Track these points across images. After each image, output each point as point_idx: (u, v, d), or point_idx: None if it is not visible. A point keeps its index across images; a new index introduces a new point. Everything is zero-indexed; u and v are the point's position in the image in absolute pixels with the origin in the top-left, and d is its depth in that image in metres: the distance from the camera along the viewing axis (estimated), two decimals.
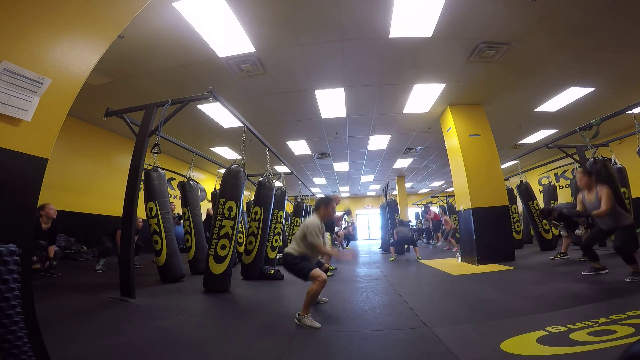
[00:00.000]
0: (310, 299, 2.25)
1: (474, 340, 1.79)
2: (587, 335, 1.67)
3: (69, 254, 5.51)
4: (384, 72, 4.77)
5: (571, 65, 4.60)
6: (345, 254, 3.02)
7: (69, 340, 1.81)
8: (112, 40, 1.90)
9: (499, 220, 5.17)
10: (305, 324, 2.15)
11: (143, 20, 3.35)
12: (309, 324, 2.14)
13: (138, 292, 2.99)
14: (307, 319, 2.17)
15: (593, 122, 4.26)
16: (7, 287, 1.14)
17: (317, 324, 2.13)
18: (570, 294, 2.62)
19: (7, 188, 1.36)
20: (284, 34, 3.82)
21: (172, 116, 3.39)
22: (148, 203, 3.83)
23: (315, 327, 2.10)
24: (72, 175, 6.07)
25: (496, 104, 5.90)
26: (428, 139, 8.03)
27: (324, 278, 2.31)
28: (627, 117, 4.32)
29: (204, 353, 1.71)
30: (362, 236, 19.04)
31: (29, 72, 1.42)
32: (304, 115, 6.25)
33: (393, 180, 13.16)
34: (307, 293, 2.26)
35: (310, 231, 2.49)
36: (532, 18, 3.60)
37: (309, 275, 2.33)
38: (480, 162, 5.49)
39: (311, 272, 2.33)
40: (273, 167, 6.60)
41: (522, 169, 6.70)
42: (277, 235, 5.19)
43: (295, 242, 2.58)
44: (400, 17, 3.56)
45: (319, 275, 2.29)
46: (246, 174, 3.75)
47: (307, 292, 2.26)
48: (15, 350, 1.14)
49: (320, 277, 2.28)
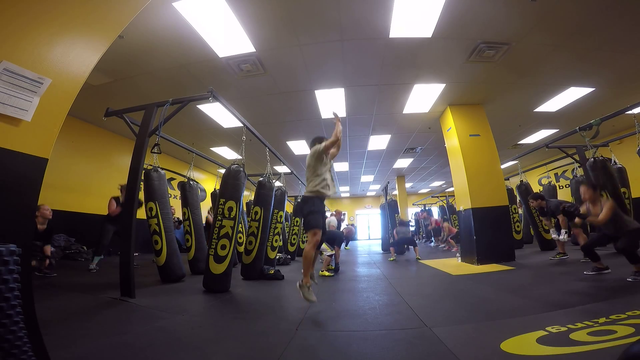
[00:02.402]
0: (307, 263, 2.27)
1: (474, 340, 1.79)
2: (587, 335, 1.67)
3: (69, 254, 5.50)
4: (384, 72, 4.77)
5: (571, 65, 4.60)
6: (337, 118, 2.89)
7: (69, 340, 1.81)
8: (112, 40, 1.90)
9: (499, 220, 5.17)
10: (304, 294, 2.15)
11: (143, 20, 3.35)
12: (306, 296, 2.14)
13: (138, 292, 2.98)
14: (306, 290, 2.17)
15: (593, 122, 4.26)
16: (7, 287, 1.14)
17: (314, 298, 2.14)
18: (570, 294, 2.62)
19: (7, 188, 1.36)
20: (284, 34, 3.82)
21: (172, 116, 3.39)
22: (148, 203, 3.83)
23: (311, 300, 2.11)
24: (72, 175, 6.07)
25: (496, 104, 5.90)
26: (428, 139, 8.03)
27: (318, 239, 2.36)
28: (627, 117, 4.32)
29: (204, 353, 1.71)
30: (362, 236, 19.06)
31: (29, 72, 1.42)
32: (304, 115, 6.25)
33: (393, 180, 13.16)
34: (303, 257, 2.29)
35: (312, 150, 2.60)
36: (532, 18, 3.60)
37: (311, 229, 2.37)
38: (480, 162, 5.49)
39: (313, 228, 2.36)
40: (273, 167, 6.60)
41: (522, 169, 6.70)
42: (277, 235, 5.19)
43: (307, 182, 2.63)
44: (400, 17, 3.56)
45: (315, 234, 2.33)
46: (246, 174, 3.75)
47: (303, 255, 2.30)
48: (15, 350, 1.14)
49: (315, 236, 2.33)
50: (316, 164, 2.60)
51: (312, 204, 2.51)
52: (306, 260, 2.29)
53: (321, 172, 2.59)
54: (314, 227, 2.37)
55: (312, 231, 2.36)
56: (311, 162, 2.63)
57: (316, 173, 2.57)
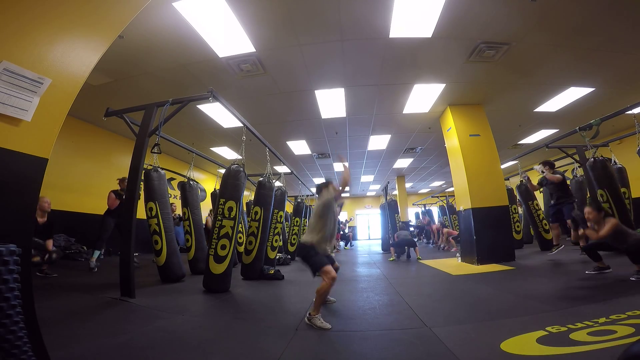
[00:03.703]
0: (321, 298, 2.25)
1: (474, 340, 1.79)
2: (587, 335, 1.67)
3: (69, 254, 5.50)
4: (384, 72, 4.77)
5: (571, 65, 4.60)
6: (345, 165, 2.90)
7: (69, 340, 1.81)
8: (112, 40, 1.90)
9: (499, 220, 5.17)
10: (316, 324, 2.14)
11: (143, 20, 3.35)
12: (319, 325, 2.12)
13: (138, 292, 2.98)
14: (318, 320, 2.16)
15: (593, 122, 4.26)
16: (7, 287, 1.14)
17: (328, 325, 2.12)
18: (570, 294, 2.63)
19: (7, 188, 1.36)
20: (284, 34, 3.81)
21: (172, 116, 3.39)
22: (148, 203, 3.83)
23: (325, 328, 2.09)
24: (72, 175, 6.06)
25: (496, 104, 5.90)
26: (428, 139, 8.02)
27: (333, 276, 2.30)
28: (627, 117, 4.31)
29: (204, 353, 1.71)
30: (362, 236, 19.06)
31: (29, 72, 1.42)
32: (304, 115, 6.24)
33: (393, 180, 13.15)
34: (317, 291, 2.26)
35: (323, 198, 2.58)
36: (532, 18, 3.60)
37: (320, 270, 2.33)
38: (480, 162, 5.49)
39: (323, 267, 2.33)
40: (273, 167, 6.59)
41: (522, 169, 6.69)
42: (277, 235, 5.20)
43: (309, 229, 2.59)
44: (400, 17, 3.56)
45: (328, 272, 2.29)
46: (246, 174, 3.75)
47: (317, 291, 2.27)
48: (15, 350, 1.14)
49: (329, 274, 2.28)
50: (324, 210, 2.55)
51: (310, 249, 2.48)
52: (321, 297, 2.25)
53: (327, 219, 2.53)
54: (322, 266, 2.34)
55: (322, 271, 2.32)
56: (319, 210, 2.57)
57: (321, 221, 2.52)
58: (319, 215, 2.54)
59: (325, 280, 2.26)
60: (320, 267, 2.34)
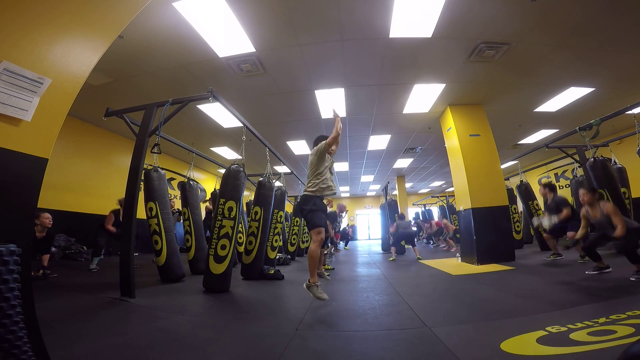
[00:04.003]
0: (313, 262, 2.26)
1: (474, 340, 1.79)
2: (587, 335, 1.67)
3: (69, 254, 5.51)
4: (383, 72, 4.77)
5: (571, 65, 4.60)
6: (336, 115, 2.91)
7: (69, 340, 1.81)
8: (112, 40, 1.90)
9: (499, 220, 5.17)
10: (314, 293, 2.14)
11: (143, 20, 3.35)
12: (317, 295, 2.13)
13: (138, 292, 2.98)
14: (316, 289, 2.16)
15: (593, 122, 4.26)
16: (7, 287, 1.14)
17: (325, 296, 2.13)
18: (570, 294, 2.62)
19: (7, 188, 1.36)
20: (284, 34, 3.82)
21: (172, 116, 3.39)
22: (148, 203, 3.83)
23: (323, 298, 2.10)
24: (72, 175, 6.07)
25: (496, 104, 5.90)
26: (428, 139, 8.03)
27: (322, 238, 2.36)
28: (627, 117, 4.32)
29: (204, 353, 1.71)
30: (362, 236, 19.06)
31: (29, 72, 1.42)
32: (304, 115, 6.25)
33: (393, 180, 13.15)
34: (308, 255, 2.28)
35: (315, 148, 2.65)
36: (532, 18, 3.60)
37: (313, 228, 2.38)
38: (480, 162, 5.49)
39: (316, 227, 2.36)
40: (273, 167, 6.60)
41: (522, 169, 6.70)
42: (277, 235, 5.19)
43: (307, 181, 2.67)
44: (400, 17, 3.56)
45: (318, 233, 2.32)
46: (246, 174, 3.75)
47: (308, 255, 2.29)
48: (15, 350, 1.14)
49: (319, 235, 2.32)
50: (319, 161, 2.65)
51: (312, 202, 2.53)
52: (312, 260, 2.30)
53: (323, 171, 2.64)
54: (317, 226, 2.38)
55: (315, 230, 2.36)
56: (314, 160, 2.68)
57: (318, 171, 2.62)
58: (315, 165, 2.65)
59: (314, 240, 2.30)
60: (314, 226, 2.40)
